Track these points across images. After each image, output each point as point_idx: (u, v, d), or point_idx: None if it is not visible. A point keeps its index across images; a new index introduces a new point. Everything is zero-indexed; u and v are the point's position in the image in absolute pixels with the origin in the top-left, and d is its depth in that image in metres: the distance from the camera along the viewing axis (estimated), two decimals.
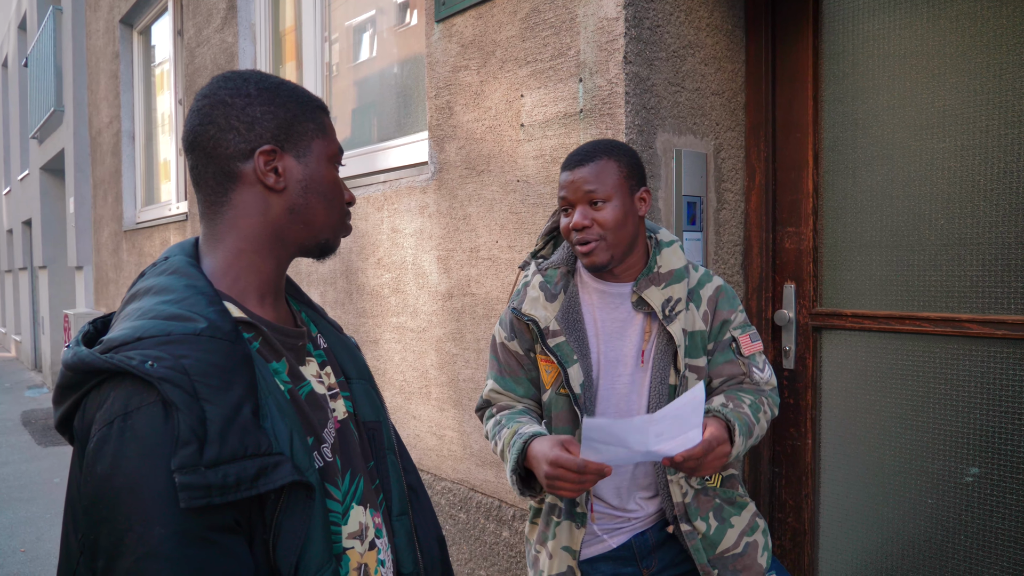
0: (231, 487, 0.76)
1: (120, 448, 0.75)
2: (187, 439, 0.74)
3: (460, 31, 2.57)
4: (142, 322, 0.82)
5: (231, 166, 0.91)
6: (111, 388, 0.78)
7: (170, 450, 0.74)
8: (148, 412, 0.76)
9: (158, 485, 0.74)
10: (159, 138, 6.10)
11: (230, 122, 0.91)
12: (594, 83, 2.07)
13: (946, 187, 1.91)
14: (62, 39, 8.46)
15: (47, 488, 5.15)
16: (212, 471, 0.75)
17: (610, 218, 1.44)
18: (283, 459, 0.81)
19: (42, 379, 10.66)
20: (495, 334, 1.64)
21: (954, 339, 1.90)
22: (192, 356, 0.79)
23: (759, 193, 2.26)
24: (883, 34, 2.01)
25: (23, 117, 12.49)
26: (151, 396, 0.76)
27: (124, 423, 0.75)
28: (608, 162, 1.46)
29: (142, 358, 0.77)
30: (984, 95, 1.84)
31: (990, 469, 1.86)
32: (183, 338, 0.80)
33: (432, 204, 2.75)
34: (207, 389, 0.77)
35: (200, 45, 4.73)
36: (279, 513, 0.81)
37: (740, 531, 1.55)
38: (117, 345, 0.80)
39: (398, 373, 2.99)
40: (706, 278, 1.58)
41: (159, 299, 0.86)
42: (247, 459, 0.77)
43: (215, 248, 0.94)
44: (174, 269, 0.90)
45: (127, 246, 6.33)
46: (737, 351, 1.57)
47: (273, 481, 0.79)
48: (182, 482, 0.73)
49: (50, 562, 3.85)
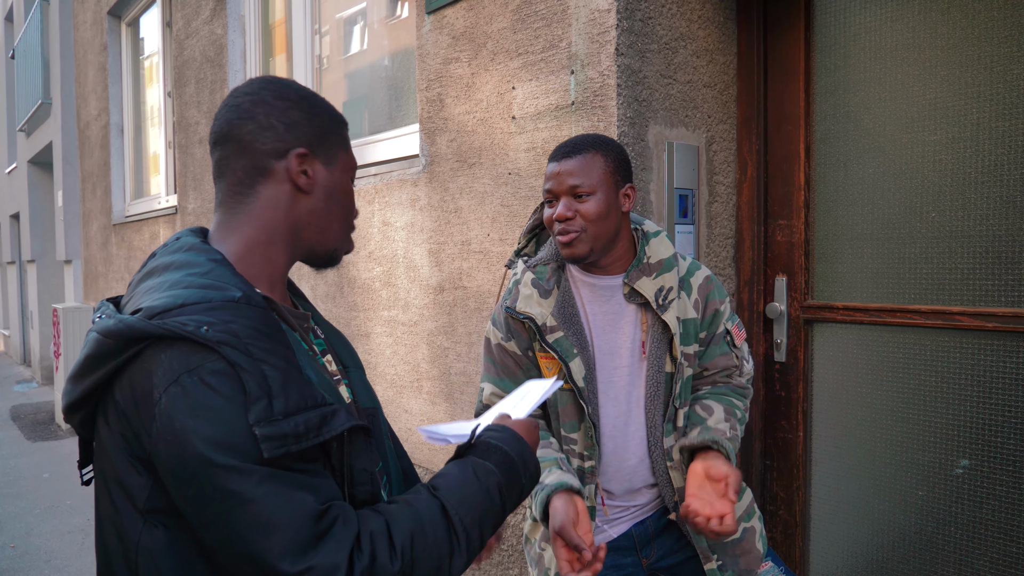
0: (303, 435, 0.81)
1: (199, 399, 0.79)
2: (257, 395, 0.80)
3: (451, 23, 2.55)
4: (178, 291, 0.85)
5: (265, 162, 0.96)
6: (160, 352, 0.81)
7: (244, 406, 0.79)
8: (214, 368, 0.80)
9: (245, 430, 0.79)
10: (148, 131, 6.05)
11: (270, 121, 0.96)
12: (586, 75, 2.06)
13: (937, 180, 1.91)
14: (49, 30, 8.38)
15: (36, 483, 5.12)
16: (285, 422, 0.81)
17: (593, 211, 1.44)
18: (338, 408, 0.87)
19: (31, 374, 10.60)
20: (488, 336, 1.62)
21: (945, 332, 1.91)
22: (237, 321, 0.83)
23: (751, 186, 2.25)
24: (874, 27, 2.01)
25: (10, 109, 12.37)
26: (211, 356, 0.80)
27: (193, 377, 0.80)
28: (595, 156, 1.47)
29: (195, 324, 0.81)
30: (975, 88, 1.84)
31: (980, 461, 1.86)
32: (223, 305, 0.84)
33: (423, 197, 2.74)
34: (259, 351, 0.82)
35: (189, 37, 4.69)
36: (348, 457, 0.88)
37: (739, 515, 1.56)
38: (159, 312, 0.83)
39: (389, 367, 2.98)
40: (695, 267, 1.59)
41: (185, 272, 0.89)
42: (309, 410, 0.83)
43: (231, 235, 0.97)
44: (190, 246, 0.94)
45: (116, 240, 6.29)
46: (731, 343, 1.59)
47: (334, 428, 0.85)
48: (263, 434, 0.79)
49: (39, 557, 3.83)
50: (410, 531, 0.86)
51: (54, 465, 5.59)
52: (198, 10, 4.54)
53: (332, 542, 0.80)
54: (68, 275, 8.08)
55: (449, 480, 0.93)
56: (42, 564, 3.75)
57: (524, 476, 0.99)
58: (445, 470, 0.96)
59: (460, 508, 0.90)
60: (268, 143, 0.96)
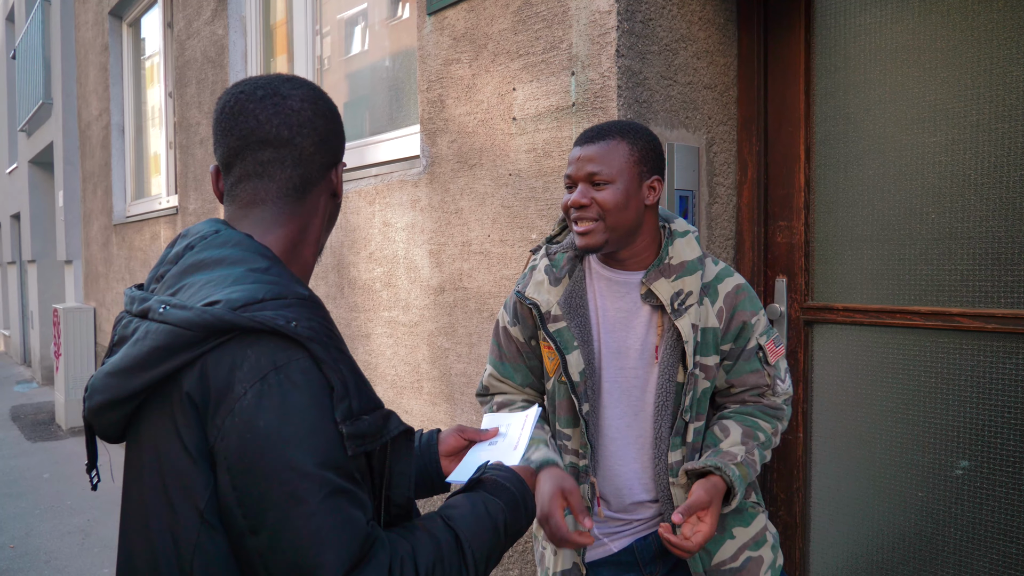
0: (375, 435, 0.84)
1: (286, 398, 0.78)
2: (341, 393, 0.81)
3: (452, 24, 2.56)
4: (251, 286, 0.83)
5: (320, 173, 1.01)
6: (247, 347, 0.79)
7: (330, 405, 0.80)
8: (301, 366, 0.80)
9: (329, 432, 0.79)
10: (149, 131, 6.05)
11: (327, 136, 1.01)
12: (586, 76, 2.06)
13: (937, 181, 1.91)
14: (51, 31, 8.39)
15: (36, 484, 5.12)
16: (363, 421, 0.83)
17: (610, 200, 1.37)
18: (391, 410, 0.88)
19: (31, 374, 10.60)
20: (499, 317, 1.60)
21: (945, 333, 1.91)
22: (314, 319, 0.84)
23: (751, 187, 2.26)
24: (875, 28, 2.02)
25: (11, 110, 12.38)
26: (298, 353, 0.80)
27: (279, 375, 0.79)
28: (619, 143, 1.40)
29: (284, 318, 0.80)
30: (975, 90, 1.84)
31: (980, 462, 1.87)
32: (298, 302, 0.84)
33: (424, 198, 2.74)
34: (335, 350, 0.84)
35: (190, 38, 4.69)
36: (390, 460, 0.88)
37: (741, 544, 1.47)
38: (242, 305, 0.81)
39: (390, 368, 2.98)
40: (726, 273, 1.49)
41: (245, 268, 0.87)
42: (376, 411, 0.85)
43: (269, 232, 0.96)
44: (237, 242, 0.91)
45: (117, 240, 6.29)
46: (764, 360, 1.49)
47: (391, 431, 0.86)
48: (348, 432, 0.80)
49: (39, 557, 3.83)
50: (432, 559, 0.88)
51: (54, 465, 5.59)
52: (199, 11, 4.55)
53: (373, 564, 0.81)
54: (69, 275, 8.09)
55: (463, 512, 0.96)
56: (42, 565, 3.75)
57: (525, 517, 1.04)
58: (456, 502, 0.99)
59: (473, 541, 0.93)
60: (326, 157, 1.01)
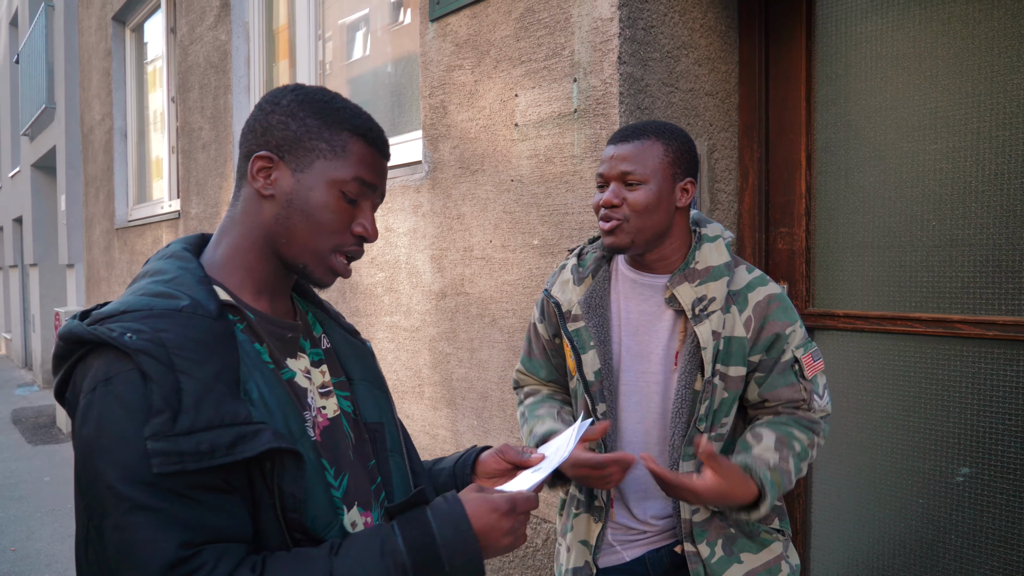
0: (205, 454, 0.79)
1: (104, 411, 0.80)
2: (160, 408, 0.79)
3: (454, 30, 2.57)
4: (130, 298, 0.89)
5: (243, 164, 0.98)
6: (95, 358, 0.84)
7: (144, 419, 0.79)
8: (126, 378, 0.81)
9: (138, 445, 0.78)
10: (151, 136, 6.07)
11: (252, 125, 0.98)
12: (588, 83, 2.07)
13: (938, 188, 1.92)
14: (54, 35, 8.42)
15: (37, 487, 5.12)
16: (186, 439, 0.79)
17: (641, 201, 1.35)
18: (263, 427, 0.83)
19: (32, 377, 10.60)
20: (532, 314, 1.63)
21: (945, 340, 1.91)
22: (171, 330, 0.83)
23: (752, 194, 2.26)
24: (876, 36, 2.02)
25: (14, 114, 12.42)
26: (129, 364, 0.81)
27: (106, 388, 0.81)
28: (654, 143, 1.38)
29: (122, 330, 0.82)
30: (976, 97, 1.85)
31: (981, 469, 1.87)
32: (164, 313, 0.85)
33: (426, 203, 2.75)
34: (184, 361, 0.82)
35: (193, 43, 4.71)
36: (276, 477, 0.85)
37: (749, 570, 1.41)
38: (104, 318, 0.86)
39: (391, 372, 2.98)
40: (759, 282, 1.44)
41: (152, 279, 0.92)
42: (223, 428, 0.81)
43: (220, 241, 0.99)
44: (171, 254, 0.97)
45: (119, 244, 6.30)
46: (800, 373, 1.41)
47: (252, 448, 0.82)
48: (153, 448, 0.78)
49: (40, 560, 3.83)
50: None
51: (55, 469, 5.59)
52: (202, 16, 4.56)
53: None
54: (70, 279, 8.10)
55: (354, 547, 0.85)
56: (43, 568, 3.75)
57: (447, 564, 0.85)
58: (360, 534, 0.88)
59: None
60: (247, 146, 0.97)
